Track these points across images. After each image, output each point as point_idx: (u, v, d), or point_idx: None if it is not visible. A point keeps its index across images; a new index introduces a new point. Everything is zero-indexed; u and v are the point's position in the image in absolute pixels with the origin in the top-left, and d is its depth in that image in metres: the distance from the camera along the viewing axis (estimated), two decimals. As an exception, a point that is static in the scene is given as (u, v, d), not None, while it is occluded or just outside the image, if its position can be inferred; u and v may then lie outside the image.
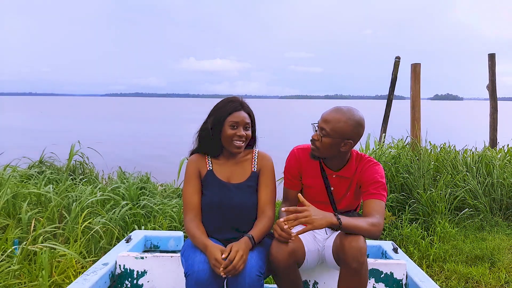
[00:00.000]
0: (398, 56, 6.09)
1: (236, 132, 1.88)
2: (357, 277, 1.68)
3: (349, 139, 1.84)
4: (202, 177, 1.95)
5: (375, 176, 1.88)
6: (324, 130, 1.83)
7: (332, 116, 1.83)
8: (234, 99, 1.95)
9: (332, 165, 1.97)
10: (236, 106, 1.91)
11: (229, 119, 1.88)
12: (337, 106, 1.88)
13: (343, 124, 1.81)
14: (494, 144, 6.36)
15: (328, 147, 1.85)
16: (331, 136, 1.82)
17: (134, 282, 2.01)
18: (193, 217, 1.89)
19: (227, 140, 1.89)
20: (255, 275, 1.64)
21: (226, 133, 1.88)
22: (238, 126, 1.89)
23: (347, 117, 1.82)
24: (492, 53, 6.44)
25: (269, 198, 1.94)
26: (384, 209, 1.82)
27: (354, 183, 1.97)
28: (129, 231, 3.29)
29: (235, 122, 1.88)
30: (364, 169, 1.92)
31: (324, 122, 1.84)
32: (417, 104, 5.48)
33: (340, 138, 1.83)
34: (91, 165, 5.38)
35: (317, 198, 2.01)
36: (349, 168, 1.95)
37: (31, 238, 2.66)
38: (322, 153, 1.89)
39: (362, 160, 1.96)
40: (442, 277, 3.03)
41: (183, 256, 1.82)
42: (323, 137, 1.84)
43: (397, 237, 3.67)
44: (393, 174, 4.43)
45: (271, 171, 1.99)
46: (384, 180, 1.89)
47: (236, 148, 1.90)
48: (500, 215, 4.37)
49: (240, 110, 1.91)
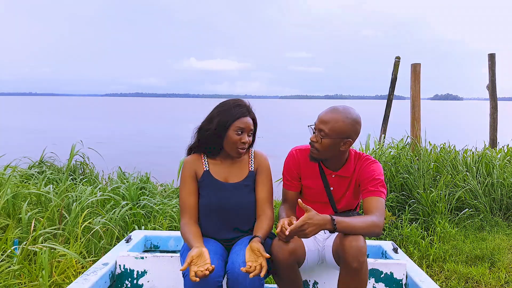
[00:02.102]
0: (398, 56, 6.09)
1: (241, 139, 1.86)
2: (357, 277, 1.68)
3: (348, 137, 1.84)
4: (199, 178, 1.94)
5: (374, 174, 1.88)
6: (323, 131, 1.82)
7: (329, 116, 1.83)
8: (242, 103, 1.92)
9: (331, 165, 1.97)
10: (243, 111, 1.88)
11: (236, 124, 1.86)
12: (332, 106, 1.88)
13: (341, 124, 1.81)
14: (494, 144, 6.36)
15: (328, 148, 1.85)
16: (330, 136, 1.82)
17: (134, 282, 2.01)
18: (187, 219, 1.88)
19: (231, 145, 1.88)
20: (255, 275, 1.64)
21: (231, 138, 1.86)
22: (243, 132, 1.87)
23: (345, 116, 1.82)
24: (492, 53, 6.44)
25: (267, 196, 1.94)
26: (384, 206, 1.82)
27: (353, 182, 1.97)
28: (129, 231, 3.29)
29: (242, 128, 1.86)
30: (362, 167, 1.93)
31: (322, 123, 1.83)
32: (417, 104, 5.48)
33: (339, 137, 1.82)
34: (91, 165, 5.38)
35: (317, 199, 2.01)
36: (348, 167, 1.95)
37: (31, 238, 2.65)
38: (322, 154, 1.88)
39: (361, 159, 1.96)
40: (442, 277, 3.03)
41: (182, 256, 1.83)
42: (322, 139, 1.83)
43: (397, 237, 3.67)
44: (393, 174, 4.43)
45: (268, 170, 1.99)
46: (383, 177, 1.90)
47: (238, 154, 1.89)
48: (500, 215, 4.37)
49: (247, 116, 1.89)
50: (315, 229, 1.60)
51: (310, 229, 1.59)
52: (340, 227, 1.63)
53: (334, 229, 1.63)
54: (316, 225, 1.60)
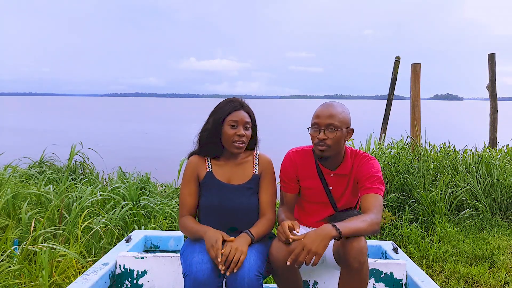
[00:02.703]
0: (398, 56, 6.09)
1: (236, 132, 1.87)
2: (357, 277, 1.68)
3: (350, 126, 1.93)
4: (201, 179, 1.95)
5: (371, 171, 1.89)
6: (333, 125, 1.85)
7: (332, 111, 1.88)
8: (234, 99, 1.95)
9: (329, 164, 1.97)
10: (235, 105, 1.91)
11: (229, 118, 1.88)
12: (324, 103, 1.93)
13: (344, 114, 1.89)
14: (494, 144, 6.36)
15: (339, 141, 1.88)
16: (341, 128, 1.86)
17: (134, 282, 2.01)
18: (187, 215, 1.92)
19: (227, 140, 1.89)
20: (254, 275, 1.64)
21: (226, 133, 1.88)
22: (238, 126, 1.88)
23: (341, 107, 1.92)
24: (492, 53, 6.44)
25: (270, 201, 1.95)
26: (381, 203, 1.83)
27: (352, 179, 1.97)
28: (129, 231, 3.29)
29: (235, 121, 1.88)
30: (360, 164, 1.94)
31: (330, 118, 1.85)
32: (417, 104, 5.48)
33: (346, 127, 1.89)
34: (91, 165, 5.38)
35: (317, 199, 2.01)
36: (345, 165, 1.96)
37: (31, 238, 2.66)
38: (334, 149, 1.89)
39: (358, 156, 1.97)
40: (442, 277, 3.03)
41: (182, 256, 1.83)
42: (337, 132, 1.85)
43: (397, 237, 3.67)
44: (393, 174, 4.43)
45: (272, 174, 2.00)
46: (381, 174, 1.90)
47: (236, 148, 1.89)
48: (500, 215, 4.37)
49: (239, 109, 1.91)
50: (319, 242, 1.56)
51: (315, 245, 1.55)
52: (345, 233, 1.61)
53: (340, 235, 1.60)
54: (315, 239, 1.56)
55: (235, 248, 1.68)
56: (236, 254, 1.67)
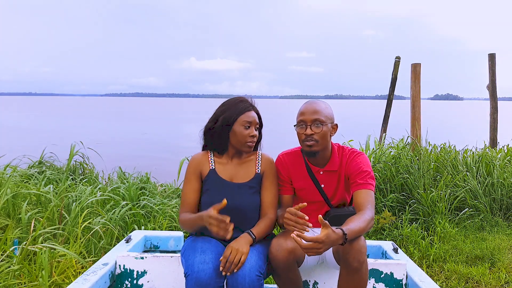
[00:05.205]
0: (398, 56, 6.09)
1: (250, 133, 1.90)
2: (357, 277, 1.68)
3: (334, 122, 1.97)
4: (204, 176, 1.95)
5: (361, 166, 1.90)
6: (318, 120, 1.88)
7: (316, 107, 1.92)
8: (244, 99, 1.97)
9: (318, 161, 1.99)
10: (247, 106, 1.93)
11: (242, 118, 1.89)
12: (308, 101, 1.97)
13: (328, 110, 1.94)
14: (494, 144, 6.36)
15: (325, 135, 1.91)
16: (326, 123, 1.89)
17: (134, 282, 2.01)
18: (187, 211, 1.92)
19: (240, 140, 1.90)
20: (254, 275, 1.64)
21: (240, 133, 1.89)
22: (251, 126, 1.91)
23: (325, 104, 1.97)
24: (492, 53, 6.44)
25: (272, 201, 1.95)
26: (373, 198, 1.84)
27: (342, 176, 1.99)
28: (129, 231, 3.28)
29: (249, 122, 1.90)
30: (349, 160, 1.96)
31: (315, 114, 1.89)
32: (417, 104, 5.49)
33: (331, 122, 1.94)
34: (91, 165, 5.38)
35: (311, 199, 2.02)
36: (333, 161, 1.98)
37: (31, 238, 2.65)
38: (322, 144, 1.91)
39: (345, 151, 2.00)
40: (442, 277, 3.03)
41: (183, 256, 1.82)
42: (323, 126, 1.88)
43: (397, 237, 3.67)
44: (393, 174, 4.43)
45: (274, 174, 2.01)
46: (370, 168, 1.92)
47: (248, 148, 1.92)
48: (500, 215, 4.37)
49: (251, 110, 1.94)
50: (328, 248, 1.54)
51: (324, 248, 1.52)
52: (349, 234, 1.60)
53: (345, 238, 1.59)
54: (330, 244, 1.54)
55: (236, 249, 1.68)
56: (237, 255, 1.67)
